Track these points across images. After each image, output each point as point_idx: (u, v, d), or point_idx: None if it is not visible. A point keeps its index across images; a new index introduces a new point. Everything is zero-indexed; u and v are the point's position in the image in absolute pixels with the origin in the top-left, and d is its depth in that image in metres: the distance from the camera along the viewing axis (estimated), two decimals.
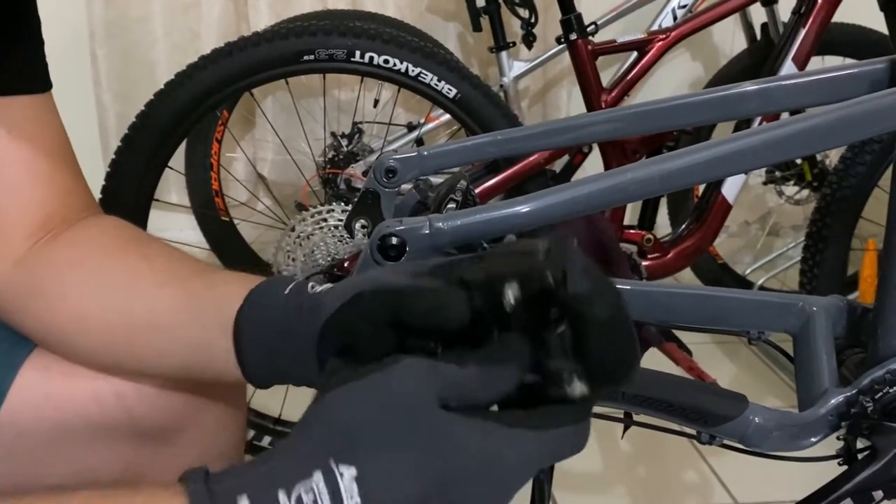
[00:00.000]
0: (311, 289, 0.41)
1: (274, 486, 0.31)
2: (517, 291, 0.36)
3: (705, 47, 2.13)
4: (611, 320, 0.36)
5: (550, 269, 0.36)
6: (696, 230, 1.38)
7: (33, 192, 0.52)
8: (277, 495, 0.31)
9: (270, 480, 0.31)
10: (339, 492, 0.31)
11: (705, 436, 0.60)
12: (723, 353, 1.81)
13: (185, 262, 0.50)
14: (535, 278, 0.36)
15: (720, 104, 0.72)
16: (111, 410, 0.54)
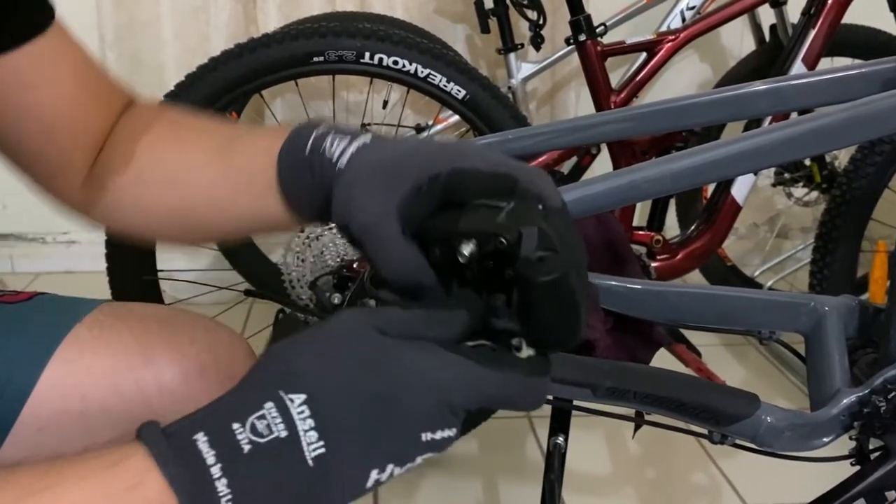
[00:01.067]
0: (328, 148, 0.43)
1: (228, 419, 0.32)
2: (472, 249, 0.37)
3: (714, 49, 2.13)
4: (553, 286, 0.36)
5: (506, 230, 0.37)
6: (705, 231, 1.37)
7: (81, 122, 0.54)
8: (232, 426, 0.32)
9: (223, 415, 0.32)
10: (291, 415, 0.32)
11: (717, 435, 0.60)
12: (732, 355, 1.80)
13: (217, 134, 0.52)
14: (490, 238, 0.37)
15: (730, 104, 0.72)
16: (131, 404, 0.54)
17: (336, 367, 0.33)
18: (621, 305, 0.71)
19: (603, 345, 0.66)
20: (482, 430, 1.38)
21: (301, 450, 0.32)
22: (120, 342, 0.56)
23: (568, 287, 0.36)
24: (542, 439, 1.47)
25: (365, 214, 0.41)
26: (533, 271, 0.36)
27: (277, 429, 0.32)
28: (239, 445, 0.31)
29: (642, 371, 0.61)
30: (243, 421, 0.32)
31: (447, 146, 0.43)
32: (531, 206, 0.39)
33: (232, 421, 0.32)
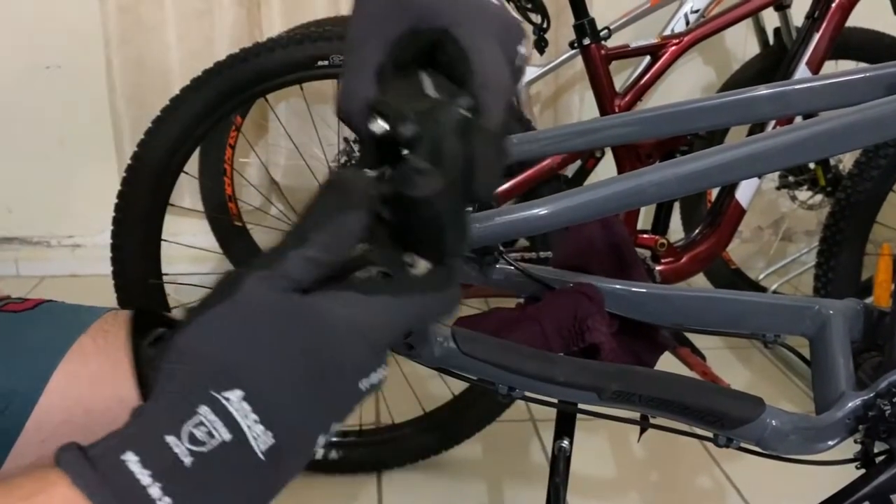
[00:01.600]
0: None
1: (159, 433, 0.29)
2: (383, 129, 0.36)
3: (718, 52, 2.13)
4: (418, 204, 0.35)
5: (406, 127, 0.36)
6: (709, 235, 1.38)
7: None
8: (165, 440, 0.29)
9: (153, 428, 0.29)
10: (232, 415, 0.29)
11: (722, 438, 0.60)
12: (736, 358, 1.80)
13: None
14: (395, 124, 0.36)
15: (734, 108, 0.72)
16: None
17: (263, 349, 0.31)
18: (626, 309, 0.71)
19: (608, 348, 0.66)
20: (486, 434, 1.39)
21: (250, 447, 0.30)
22: (124, 353, 0.56)
23: (433, 210, 0.35)
24: (546, 443, 1.47)
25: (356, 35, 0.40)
26: (402, 182, 0.35)
27: (220, 433, 0.29)
28: (178, 460, 0.28)
29: (647, 374, 0.61)
30: (178, 432, 0.29)
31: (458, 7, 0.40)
32: (453, 113, 0.37)
33: (164, 434, 0.29)
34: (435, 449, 1.39)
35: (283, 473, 0.31)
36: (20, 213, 2.13)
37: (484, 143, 0.37)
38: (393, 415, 1.44)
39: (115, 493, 0.28)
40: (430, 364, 0.61)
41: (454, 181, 0.36)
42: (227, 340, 0.31)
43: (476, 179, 0.37)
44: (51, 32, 2.00)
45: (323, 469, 1.36)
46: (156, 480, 0.28)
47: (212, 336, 0.31)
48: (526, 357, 0.60)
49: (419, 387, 1.54)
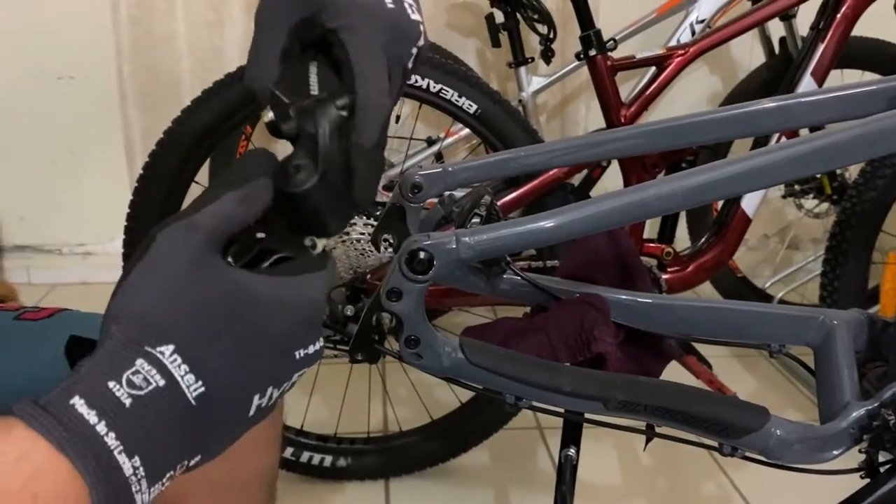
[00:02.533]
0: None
1: (101, 380, 0.32)
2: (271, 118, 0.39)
3: (723, 62, 2.14)
4: (295, 198, 0.37)
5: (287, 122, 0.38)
6: (715, 244, 1.38)
7: None
8: (107, 384, 0.31)
9: (95, 378, 0.32)
10: (165, 365, 0.32)
11: (727, 448, 0.61)
12: (742, 366, 1.81)
13: None
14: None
15: (739, 121, 0.73)
16: None
17: (192, 308, 0.33)
18: (632, 319, 0.72)
19: (614, 358, 0.67)
20: (493, 442, 1.39)
21: (182, 393, 0.32)
22: None
23: (310, 202, 0.37)
24: (553, 451, 1.48)
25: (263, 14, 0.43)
26: (280, 176, 0.37)
27: (154, 379, 0.32)
28: (119, 401, 0.31)
29: (653, 384, 0.62)
30: (118, 379, 0.32)
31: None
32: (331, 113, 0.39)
33: (106, 381, 0.32)
34: (442, 456, 1.40)
35: (217, 421, 0.34)
36: (32, 221, 2.15)
37: (359, 154, 0.39)
38: (400, 422, 1.45)
39: (66, 430, 0.30)
40: (437, 373, 0.62)
41: (330, 177, 0.38)
42: (154, 298, 0.33)
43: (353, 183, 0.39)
44: (63, 43, 2.02)
45: (331, 476, 1.37)
46: (101, 418, 0.31)
47: (137, 296, 0.33)
48: (533, 367, 0.61)
49: (426, 394, 1.54)
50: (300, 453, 1.35)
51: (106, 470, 0.31)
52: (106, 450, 0.31)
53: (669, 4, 1.67)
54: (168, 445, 0.33)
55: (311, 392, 1.49)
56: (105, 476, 0.30)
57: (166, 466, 0.33)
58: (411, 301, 0.57)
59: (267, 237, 0.38)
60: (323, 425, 1.41)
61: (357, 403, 1.55)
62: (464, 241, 0.56)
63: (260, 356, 0.35)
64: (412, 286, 0.57)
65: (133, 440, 0.31)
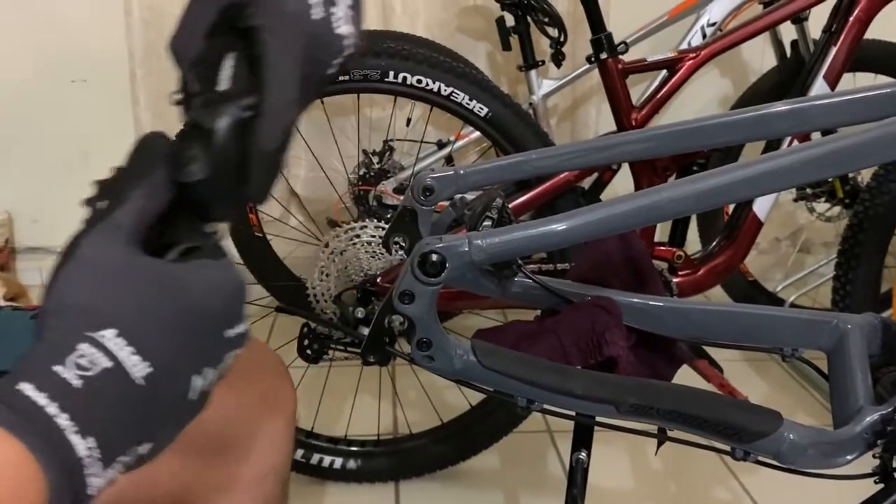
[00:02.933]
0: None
1: (47, 365, 0.32)
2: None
3: (734, 64, 2.13)
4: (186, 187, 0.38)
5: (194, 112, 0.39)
6: (727, 247, 1.38)
7: None
8: (54, 370, 0.32)
9: (40, 364, 0.32)
10: (110, 349, 0.33)
11: (739, 452, 0.61)
12: (754, 370, 1.80)
13: None
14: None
15: (752, 124, 0.73)
16: None
17: (124, 294, 0.34)
18: (644, 322, 0.72)
19: (626, 361, 0.67)
20: (503, 445, 1.39)
21: (128, 373, 0.33)
22: None
23: (198, 194, 0.38)
24: (563, 454, 1.48)
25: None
26: (172, 164, 0.38)
27: (101, 361, 0.33)
28: (68, 383, 0.32)
29: (665, 388, 0.62)
30: (63, 363, 0.32)
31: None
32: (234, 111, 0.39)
33: (52, 365, 0.32)
34: (452, 459, 1.40)
35: (163, 404, 0.35)
36: (45, 223, 2.16)
37: (257, 155, 0.40)
38: (410, 425, 1.45)
39: (15, 413, 0.31)
40: (450, 376, 0.62)
41: (223, 173, 0.38)
42: (89, 290, 0.34)
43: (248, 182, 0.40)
44: (76, 47, 2.04)
45: (341, 478, 1.38)
46: (52, 401, 0.31)
47: (72, 291, 0.34)
48: (544, 370, 0.61)
49: (436, 397, 1.55)
50: (311, 455, 1.35)
51: (59, 451, 0.31)
52: (58, 431, 0.31)
53: (680, 7, 1.67)
54: (119, 427, 0.33)
55: (321, 394, 1.49)
56: (58, 457, 0.31)
57: (119, 449, 0.33)
58: (423, 303, 0.57)
59: (170, 227, 0.38)
60: (333, 427, 1.41)
61: (367, 406, 1.56)
62: (476, 243, 0.56)
63: (195, 336, 0.36)
64: (424, 288, 0.57)
65: (85, 420, 0.32)
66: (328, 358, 1.27)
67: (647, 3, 1.75)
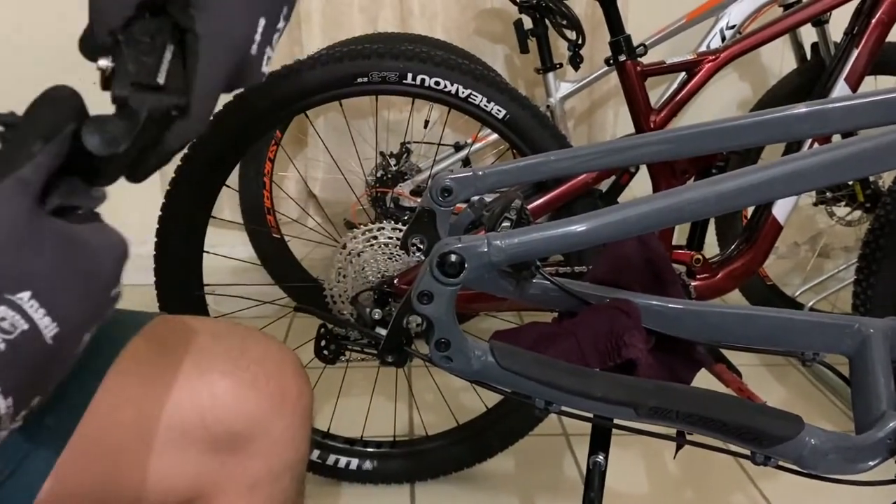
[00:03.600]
0: None
1: None
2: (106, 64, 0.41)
3: (754, 67, 2.12)
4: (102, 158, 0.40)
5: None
6: (745, 251, 1.37)
7: None
8: None
9: None
10: (26, 311, 0.36)
11: (760, 456, 0.60)
12: (773, 376, 1.78)
13: None
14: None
15: (772, 126, 0.72)
16: (185, 413, 0.56)
17: (39, 256, 0.36)
18: (663, 325, 0.72)
19: (644, 364, 0.67)
20: (519, 448, 1.39)
21: (41, 334, 0.36)
22: (176, 355, 0.59)
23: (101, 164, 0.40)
24: (579, 457, 1.47)
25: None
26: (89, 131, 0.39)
27: (20, 324, 0.35)
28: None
29: (684, 391, 0.61)
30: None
31: None
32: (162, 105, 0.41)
33: None
34: (468, 461, 1.39)
35: (61, 358, 0.38)
36: None
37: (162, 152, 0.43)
38: (426, 426, 1.45)
39: None
40: (468, 377, 0.62)
41: (128, 153, 0.41)
42: (2, 252, 0.36)
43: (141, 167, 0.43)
44: None
45: (357, 479, 1.38)
46: None
47: None
48: (563, 372, 0.61)
49: (452, 399, 1.54)
50: (327, 456, 1.36)
51: None
52: None
53: (699, 10, 1.66)
54: (29, 384, 0.36)
55: (338, 395, 1.49)
56: None
57: (26, 405, 0.36)
58: (442, 304, 0.57)
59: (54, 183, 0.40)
60: (349, 428, 1.41)
61: (383, 407, 1.56)
62: (495, 244, 0.56)
63: (93, 297, 0.39)
64: (443, 289, 0.57)
65: (6, 380, 0.35)
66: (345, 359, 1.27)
67: (665, 5, 1.74)
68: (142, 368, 0.57)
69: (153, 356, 0.58)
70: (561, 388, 0.59)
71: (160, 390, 0.57)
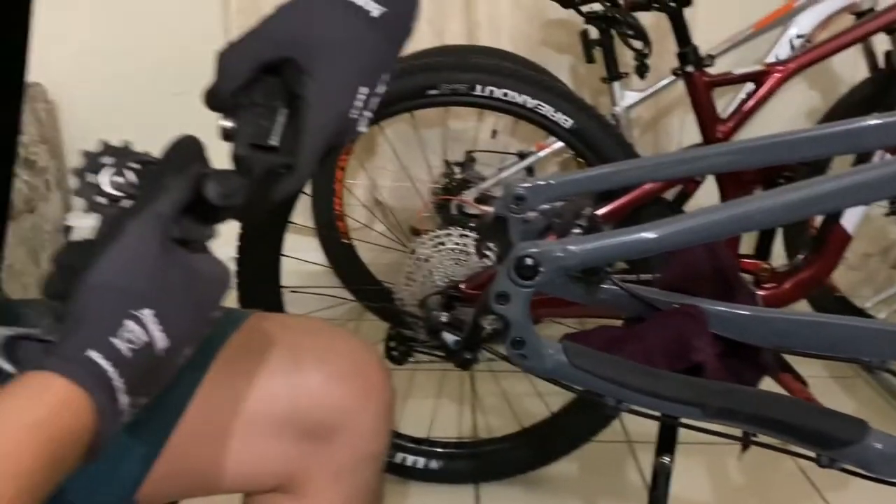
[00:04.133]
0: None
1: (104, 336, 0.41)
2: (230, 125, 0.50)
3: (824, 75, 2.09)
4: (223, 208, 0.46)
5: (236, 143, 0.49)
6: (813, 261, 1.36)
7: None
8: (111, 341, 0.41)
9: (99, 335, 0.41)
10: (147, 326, 0.42)
11: (825, 459, 0.62)
12: (840, 387, 1.76)
13: None
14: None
15: (841, 138, 0.73)
16: (282, 405, 0.61)
17: (163, 281, 0.43)
18: (730, 331, 0.74)
19: (712, 368, 0.69)
20: (583, 453, 1.41)
21: (156, 346, 0.42)
22: (273, 350, 0.63)
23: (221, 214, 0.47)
24: (642, 464, 1.48)
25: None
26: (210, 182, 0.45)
27: (142, 336, 0.42)
28: (122, 354, 0.41)
29: (752, 392, 0.63)
30: (116, 335, 0.41)
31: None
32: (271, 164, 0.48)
33: (108, 336, 0.41)
34: (531, 464, 1.42)
35: (166, 367, 0.45)
36: None
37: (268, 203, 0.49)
38: (491, 429, 1.49)
39: (93, 378, 0.40)
40: (540, 374, 0.65)
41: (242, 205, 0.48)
42: (133, 274, 0.43)
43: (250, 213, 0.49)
44: (179, 61, 2.16)
45: (423, 478, 1.42)
46: (114, 368, 0.40)
47: (119, 271, 0.43)
48: (633, 371, 0.64)
49: (516, 403, 1.57)
50: (394, 454, 1.40)
51: (113, 407, 0.40)
52: (114, 391, 0.40)
53: (768, 19, 1.65)
54: (142, 386, 0.42)
55: (405, 396, 1.54)
56: (112, 409, 0.40)
57: (137, 403, 0.43)
58: (518, 305, 0.61)
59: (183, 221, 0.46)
60: (415, 429, 1.46)
61: (448, 409, 1.60)
62: (569, 249, 0.59)
63: (199, 319, 0.46)
64: (519, 290, 0.61)
65: (130, 383, 0.41)
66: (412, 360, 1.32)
67: (732, 14, 1.74)
68: (241, 364, 0.62)
69: (253, 350, 0.63)
70: (630, 386, 0.62)
71: (260, 382, 0.61)
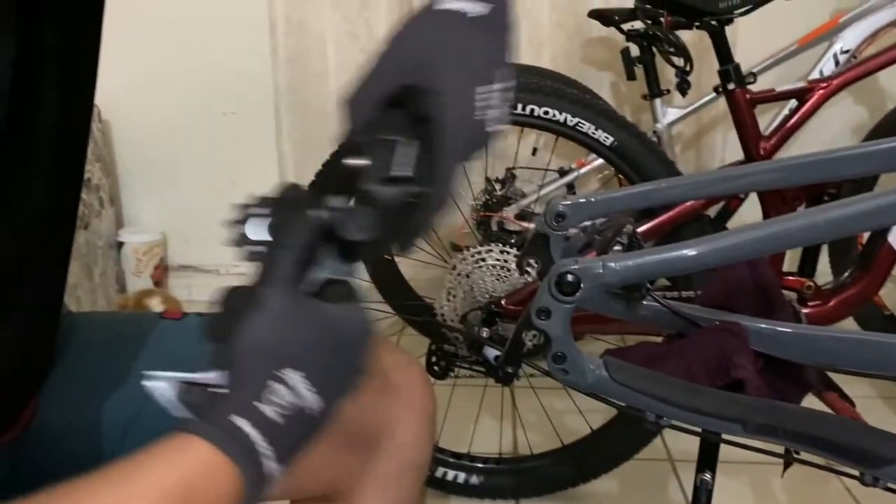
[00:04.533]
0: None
1: (248, 400, 0.39)
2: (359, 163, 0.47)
3: (869, 91, 2.06)
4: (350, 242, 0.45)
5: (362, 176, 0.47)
6: (860, 278, 1.34)
7: None
8: (255, 405, 0.39)
9: (243, 399, 0.39)
10: (298, 388, 0.40)
11: (869, 477, 0.61)
12: (889, 408, 1.72)
13: None
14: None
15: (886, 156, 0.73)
16: None
17: (305, 341, 0.41)
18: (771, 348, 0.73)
19: (753, 384, 0.69)
20: (623, 471, 1.40)
21: (309, 408, 0.40)
22: None
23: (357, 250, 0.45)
24: (684, 483, 1.47)
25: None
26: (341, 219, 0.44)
27: (290, 399, 0.40)
28: (270, 419, 0.39)
29: (794, 409, 0.63)
30: (260, 399, 0.39)
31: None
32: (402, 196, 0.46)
33: (253, 401, 0.39)
34: (572, 481, 1.42)
35: (322, 426, 0.43)
36: (195, 244, 2.36)
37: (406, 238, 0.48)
38: (531, 446, 1.49)
39: (238, 446, 0.38)
40: (582, 389, 0.66)
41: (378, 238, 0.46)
42: (279, 338, 0.41)
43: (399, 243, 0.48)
44: (226, 82, 2.23)
45: (464, 493, 1.43)
46: (262, 436, 0.39)
47: (264, 337, 0.41)
48: (673, 387, 0.64)
49: (557, 420, 1.57)
50: (435, 468, 1.41)
51: (261, 477, 0.39)
52: (261, 460, 0.38)
53: (812, 35, 1.65)
54: (297, 450, 0.41)
55: (446, 411, 1.55)
56: (260, 480, 0.38)
57: (290, 467, 0.41)
58: (559, 320, 0.62)
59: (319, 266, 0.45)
60: (456, 444, 1.47)
61: (488, 425, 1.60)
62: (610, 266, 0.60)
63: (347, 370, 0.44)
64: (560, 306, 0.62)
65: (280, 449, 0.39)
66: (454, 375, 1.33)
67: (775, 31, 1.73)
68: None
69: None
70: (671, 402, 0.63)
71: None
